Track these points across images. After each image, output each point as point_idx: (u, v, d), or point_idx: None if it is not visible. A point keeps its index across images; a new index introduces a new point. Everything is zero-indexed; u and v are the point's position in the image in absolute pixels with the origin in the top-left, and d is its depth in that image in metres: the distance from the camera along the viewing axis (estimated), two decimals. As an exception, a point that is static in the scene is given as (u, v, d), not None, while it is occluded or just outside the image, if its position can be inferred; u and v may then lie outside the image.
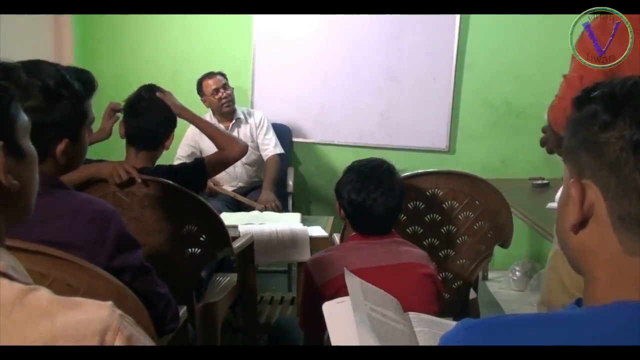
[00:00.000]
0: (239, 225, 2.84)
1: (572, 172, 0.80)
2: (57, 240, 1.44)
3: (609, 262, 0.76)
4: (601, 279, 0.77)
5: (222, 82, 3.87)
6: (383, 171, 1.90)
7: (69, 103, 1.49)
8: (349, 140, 4.37)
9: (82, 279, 1.40)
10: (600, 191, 0.76)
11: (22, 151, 0.87)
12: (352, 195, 1.87)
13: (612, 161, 0.74)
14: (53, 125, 1.46)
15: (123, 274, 1.53)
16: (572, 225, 0.78)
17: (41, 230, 1.40)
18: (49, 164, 1.49)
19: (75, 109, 1.52)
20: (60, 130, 1.48)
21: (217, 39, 4.37)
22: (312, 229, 2.88)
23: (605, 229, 0.75)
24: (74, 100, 1.51)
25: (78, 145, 1.56)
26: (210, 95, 3.86)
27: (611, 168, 0.74)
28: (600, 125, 0.75)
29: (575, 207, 0.77)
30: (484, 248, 2.39)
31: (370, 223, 1.90)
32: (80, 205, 1.54)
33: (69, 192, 1.57)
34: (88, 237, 1.49)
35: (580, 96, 0.80)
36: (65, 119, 1.49)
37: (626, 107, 0.74)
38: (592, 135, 0.76)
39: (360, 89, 4.32)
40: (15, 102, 0.85)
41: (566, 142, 0.82)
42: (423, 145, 4.34)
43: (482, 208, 2.35)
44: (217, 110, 3.90)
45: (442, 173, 2.39)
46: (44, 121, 1.43)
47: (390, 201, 1.85)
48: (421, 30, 4.24)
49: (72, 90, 1.51)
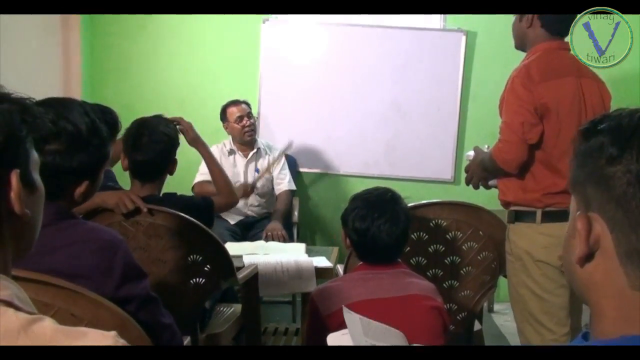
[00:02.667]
0: (243, 255, 2.83)
1: (579, 204, 0.79)
2: (65, 269, 1.44)
3: (615, 296, 0.75)
4: (608, 312, 0.76)
5: (246, 111, 3.93)
6: (387, 199, 1.90)
7: (95, 150, 1.51)
8: (354, 170, 4.39)
9: (86, 309, 1.40)
10: (607, 225, 0.75)
11: (34, 184, 0.89)
12: (356, 223, 1.87)
13: (619, 195, 0.73)
14: (79, 169, 1.48)
15: (129, 304, 1.53)
16: (578, 259, 0.77)
17: (50, 259, 1.40)
18: (65, 201, 1.50)
19: (100, 153, 1.53)
20: (84, 174, 1.50)
21: (224, 68, 4.42)
22: (317, 259, 2.87)
23: (612, 262, 0.75)
24: (101, 146, 1.53)
25: (96, 184, 1.58)
26: (234, 122, 3.91)
27: (618, 202, 0.73)
28: (607, 158, 0.75)
29: (582, 240, 0.76)
30: (489, 279, 2.38)
31: (375, 251, 1.89)
32: (88, 235, 1.54)
33: (76, 221, 1.58)
34: (95, 267, 1.49)
35: (588, 127, 0.79)
36: (90, 165, 1.50)
37: (633, 140, 0.73)
38: (599, 169, 0.75)
39: (365, 119, 4.34)
40: (30, 137, 0.88)
41: (573, 174, 0.81)
42: (428, 175, 4.35)
43: (486, 238, 2.34)
44: (239, 137, 3.94)
45: (446, 203, 2.40)
46: (70, 165, 1.45)
47: (394, 229, 1.84)
48: (426, 61, 4.28)
49: (101, 137, 1.52)
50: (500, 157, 2.25)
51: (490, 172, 2.38)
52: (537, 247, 2.23)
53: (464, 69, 4.27)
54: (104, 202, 2.15)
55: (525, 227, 2.26)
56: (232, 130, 3.94)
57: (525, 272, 2.26)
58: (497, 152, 2.26)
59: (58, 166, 0.89)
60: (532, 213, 2.25)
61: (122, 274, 1.52)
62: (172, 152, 2.42)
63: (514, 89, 2.25)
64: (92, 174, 1.53)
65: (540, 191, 2.24)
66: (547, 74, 2.25)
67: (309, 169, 4.42)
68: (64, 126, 1.41)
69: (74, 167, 1.45)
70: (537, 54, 2.31)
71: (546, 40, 2.32)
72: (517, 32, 2.43)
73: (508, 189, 2.32)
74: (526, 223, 2.25)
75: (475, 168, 2.44)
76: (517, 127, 2.20)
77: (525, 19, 2.35)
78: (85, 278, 1.46)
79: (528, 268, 2.25)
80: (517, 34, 2.43)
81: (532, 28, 2.34)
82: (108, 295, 1.47)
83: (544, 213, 2.23)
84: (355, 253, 1.97)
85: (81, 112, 1.48)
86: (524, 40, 2.40)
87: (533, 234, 2.24)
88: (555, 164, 2.20)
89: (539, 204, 2.24)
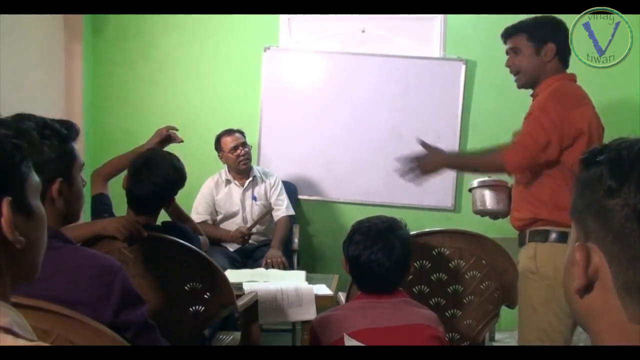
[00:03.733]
0: (243, 282, 2.81)
1: (579, 233, 0.79)
2: (63, 296, 1.44)
3: (615, 328, 0.74)
4: (608, 343, 0.75)
5: (240, 140, 3.92)
6: (383, 229, 1.87)
7: (54, 142, 1.52)
8: (355, 198, 4.38)
9: (85, 336, 1.39)
10: (605, 257, 0.74)
11: (31, 209, 0.88)
12: (350, 250, 1.87)
13: (617, 229, 0.72)
14: (42, 165, 1.48)
15: (127, 331, 1.52)
16: (577, 290, 0.76)
17: (47, 285, 1.39)
18: (48, 210, 1.49)
19: (61, 147, 1.54)
20: (51, 169, 1.50)
21: (225, 96, 4.44)
22: (317, 287, 2.85)
23: (610, 295, 0.74)
24: (58, 138, 1.54)
25: (73, 188, 1.58)
26: (229, 152, 3.90)
27: (616, 236, 0.73)
28: (605, 190, 0.74)
29: (580, 271, 0.76)
30: (491, 308, 2.36)
31: (369, 280, 1.88)
32: (86, 261, 1.54)
33: (74, 247, 1.57)
34: (93, 293, 1.49)
35: (587, 157, 0.79)
36: (53, 158, 1.51)
37: (633, 173, 0.72)
38: (597, 201, 0.75)
39: (365, 146, 4.35)
40: (27, 161, 0.87)
41: (573, 202, 0.81)
42: (429, 203, 4.35)
43: (489, 267, 2.33)
44: (234, 167, 3.94)
45: (448, 232, 2.39)
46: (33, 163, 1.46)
47: (386, 259, 1.82)
48: (426, 90, 4.30)
49: (54, 130, 1.54)
50: (510, 157, 2.36)
51: (475, 168, 2.58)
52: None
53: (464, 98, 4.29)
54: (105, 228, 2.14)
55: (556, 246, 2.31)
56: (227, 159, 3.93)
57: (550, 291, 2.29)
58: (508, 152, 2.38)
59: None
60: (564, 233, 2.30)
61: (120, 300, 1.52)
62: (168, 193, 2.39)
63: (547, 110, 2.34)
64: (63, 171, 1.54)
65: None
66: (577, 101, 2.37)
67: (309, 196, 4.42)
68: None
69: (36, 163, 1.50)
70: (557, 82, 2.39)
71: (559, 71, 2.42)
72: (533, 67, 2.47)
73: (539, 208, 2.37)
74: (557, 243, 2.31)
75: (432, 159, 2.56)
76: (541, 141, 2.31)
77: (543, 52, 2.42)
78: (84, 305, 1.46)
79: (554, 288, 2.28)
80: (533, 69, 2.47)
81: (552, 61, 2.43)
82: (107, 322, 1.46)
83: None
84: (353, 281, 1.96)
85: (32, 119, 1.50)
86: (540, 73, 2.46)
87: (563, 254, 2.25)
88: None
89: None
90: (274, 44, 4.38)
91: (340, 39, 4.36)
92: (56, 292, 1.44)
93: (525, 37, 2.50)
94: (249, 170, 3.98)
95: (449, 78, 4.29)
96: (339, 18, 4.33)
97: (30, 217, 0.88)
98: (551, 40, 2.45)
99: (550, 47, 2.44)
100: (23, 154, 0.86)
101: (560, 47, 2.46)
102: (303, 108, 4.39)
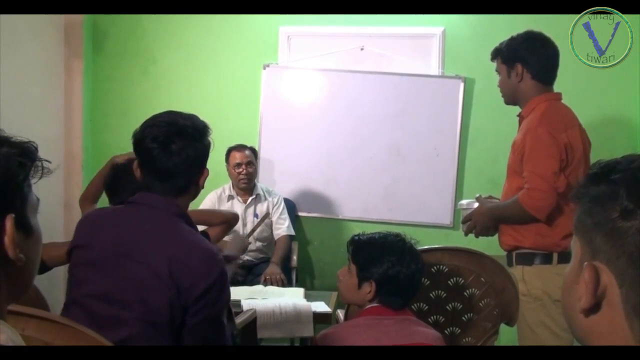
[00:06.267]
0: (241, 299, 2.80)
1: (584, 249, 0.77)
2: (181, 258, 1.68)
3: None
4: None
5: (247, 159, 3.96)
6: (397, 241, 1.94)
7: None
8: (353, 215, 4.38)
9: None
10: (615, 279, 0.72)
11: (30, 228, 0.88)
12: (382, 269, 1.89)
13: (632, 252, 0.71)
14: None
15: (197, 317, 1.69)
16: (583, 310, 0.75)
17: (170, 248, 1.70)
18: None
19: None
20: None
21: (225, 113, 4.44)
22: (316, 304, 2.84)
23: (617, 315, 0.73)
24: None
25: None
26: (232, 168, 3.95)
27: (630, 259, 0.71)
28: (621, 212, 0.72)
29: (589, 291, 0.74)
30: (490, 326, 2.35)
31: (401, 294, 1.91)
32: (201, 243, 1.78)
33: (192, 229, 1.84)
34: (199, 272, 1.68)
35: (597, 173, 0.77)
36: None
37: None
38: (611, 221, 0.73)
39: (364, 163, 4.36)
40: (29, 180, 0.87)
41: (579, 218, 0.79)
42: (427, 220, 4.34)
43: (488, 285, 2.32)
44: (235, 183, 3.96)
45: (447, 249, 2.38)
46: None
47: (418, 271, 1.90)
48: (425, 107, 4.32)
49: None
50: (532, 204, 2.33)
51: (509, 221, 2.47)
52: (554, 287, 2.32)
53: (463, 115, 4.30)
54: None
55: (542, 268, 2.37)
56: (230, 174, 3.98)
57: (544, 311, 2.35)
58: (528, 200, 2.34)
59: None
60: (548, 255, 2.36)
61: (214, 287, 1.70)
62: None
63: (541, 138, 2.34)
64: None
65: (557, 236, 2.35)
66: (565, 122, 2.39)
67: (308, 213, 4.41)
68: None
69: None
70: (543, 103, 2.39)
71: (541, 92, 2.42)
72: (507, 89, 2.52)
73: (524, 236, 2.42)
74: (543, 265, 2.37)
75: (480, 217, 2.50)
76: (550, 176, 2.30)
77: (513, 74, 2.45)
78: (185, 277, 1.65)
79: (547, 307, 2.34)
80: (508, 91, 2.53)
81: (523, 82, 2.45)
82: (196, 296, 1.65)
83: (559, 255, 2.35)
84: (373, 296, 1.90)
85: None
86: (516, 95, 2.49)
87: (550, 275, 2.35)
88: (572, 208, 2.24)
89: (557, 248, 2.35)
90: (273, 62, 4.40)
91: (339, 56, 4.38)
92: (175, 252, 1.69)
93: (500, 59, 2.55)
94: (252, 188, 4.00)
95: (447, 95, 4.30)
96: (338, 36, 4.36)
97: (30, 235, 0.88)
98: (519, 61, 2.47)
99: (519, 68, 2.46)
100: (26, 172, 0.86)
101: (532, 66, 2.45)
102: (302, 125, 4.40)
